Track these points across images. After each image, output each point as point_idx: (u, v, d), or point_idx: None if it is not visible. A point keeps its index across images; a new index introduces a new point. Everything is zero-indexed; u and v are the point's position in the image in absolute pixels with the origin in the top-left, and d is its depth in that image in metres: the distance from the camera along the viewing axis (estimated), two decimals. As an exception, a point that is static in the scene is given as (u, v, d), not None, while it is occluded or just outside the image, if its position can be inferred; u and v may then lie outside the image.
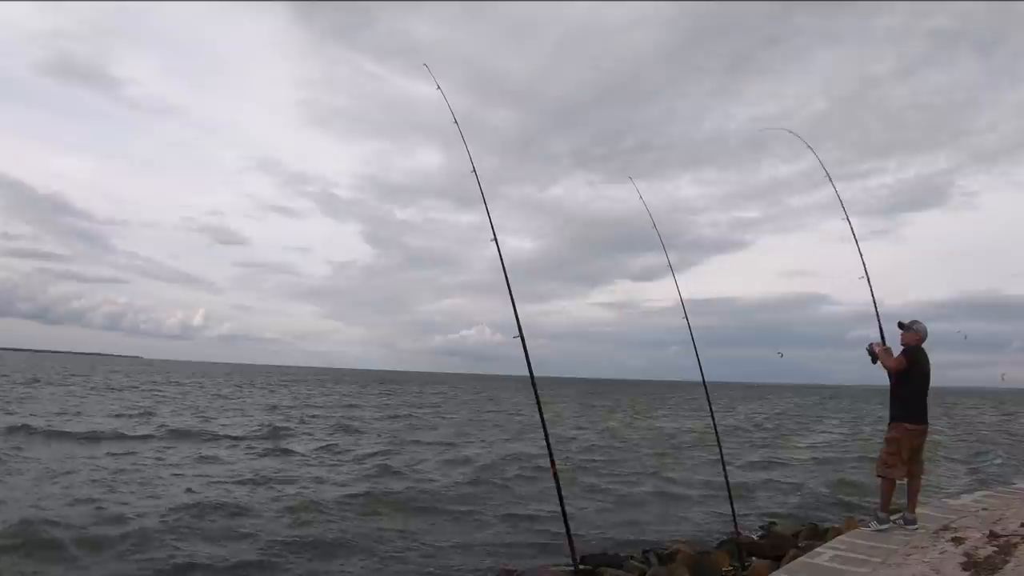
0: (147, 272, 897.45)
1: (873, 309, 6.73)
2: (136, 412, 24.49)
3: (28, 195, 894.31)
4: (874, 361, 6.20)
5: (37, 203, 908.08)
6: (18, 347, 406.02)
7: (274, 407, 32.28)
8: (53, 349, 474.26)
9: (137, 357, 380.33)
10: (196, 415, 25.57)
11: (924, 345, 6.12)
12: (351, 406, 36.43)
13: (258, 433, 20.04)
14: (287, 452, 16.30)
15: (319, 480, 12.78)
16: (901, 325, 6.17)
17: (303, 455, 15.94)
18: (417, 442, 19.76)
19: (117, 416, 23.06)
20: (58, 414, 22.33)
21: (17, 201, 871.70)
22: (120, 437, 17.20)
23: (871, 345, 6.28)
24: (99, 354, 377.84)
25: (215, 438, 18.29)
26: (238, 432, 19.93)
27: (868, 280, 7.00)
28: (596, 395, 73.91)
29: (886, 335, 6.41)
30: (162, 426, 20.11)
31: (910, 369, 5.99)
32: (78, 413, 23.27)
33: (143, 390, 41.48)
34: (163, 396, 36.43)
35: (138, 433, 18.29)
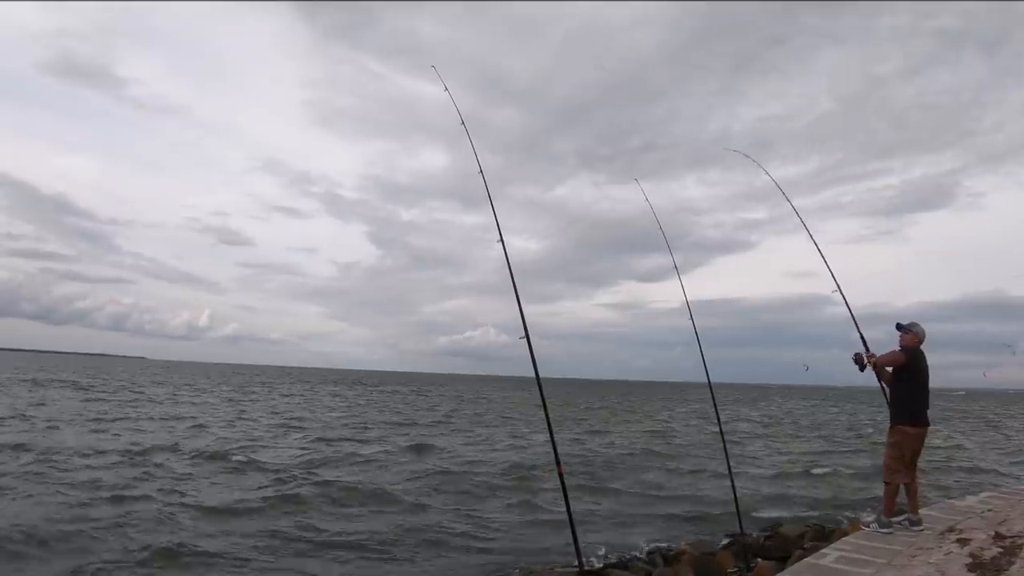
0: (151, 272, 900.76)
1: (864, 318, 6.89)
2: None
3: (31, 195, 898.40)
4: (862, 369, 6.15)
5: (40, 203, 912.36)
6: (22, 348, 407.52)
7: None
8: (57, 350, 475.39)
9: (142, 358, 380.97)
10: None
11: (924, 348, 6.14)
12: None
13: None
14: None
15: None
16: (900, 327, 6.11)
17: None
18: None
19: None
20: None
21: (20, 201, 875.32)
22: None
23: (858, 354, 6.23)
24: (104, 355, 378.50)
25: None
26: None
27: (842, 294, 7.19)
28: (601, 396, 73.81)
29: (882, 342, 6.46)
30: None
31: (908, 369, 5.96)
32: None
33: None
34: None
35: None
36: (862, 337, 6.60)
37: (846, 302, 7.10)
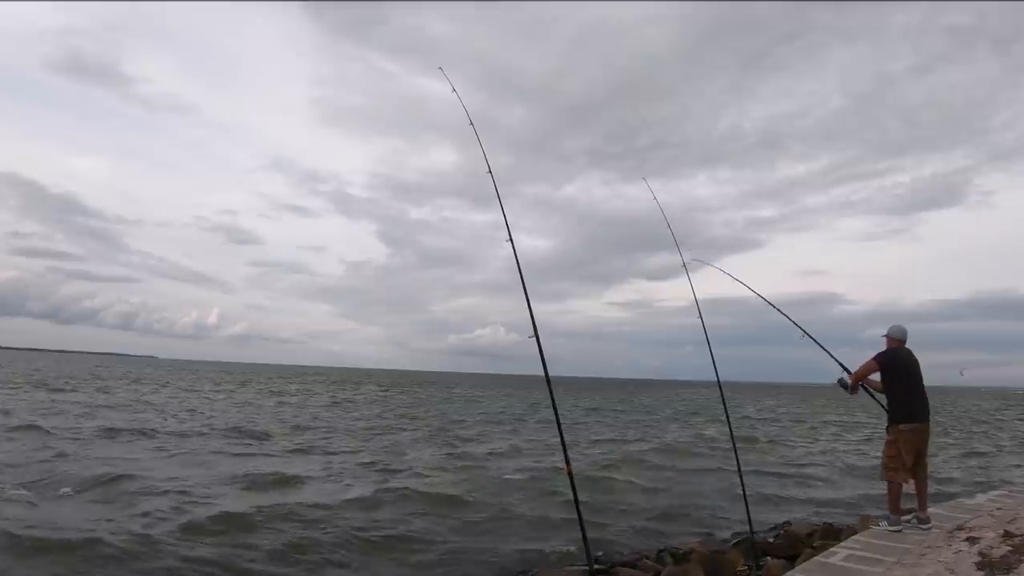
0: (160, 271, 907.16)
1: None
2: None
3: (39, 194, 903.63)
4: (852, 391, 6.36)
5: (48, 202, 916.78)
6: (29, 347, 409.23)
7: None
8: (65, 349, 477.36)
9: (152, 357, 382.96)
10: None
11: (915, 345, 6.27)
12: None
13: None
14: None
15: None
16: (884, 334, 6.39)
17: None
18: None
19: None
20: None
21: (28, 200, 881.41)
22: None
23: (841, 379, 6.45)
24: (112, 354, 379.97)
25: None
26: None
27: (811, 336, 7.28)
28: (608, 396, 73.69)
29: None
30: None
31: (890, 370, 6.11)
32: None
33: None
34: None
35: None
36: (839, 363, 6.69)
37: (817, 343, 7.21)
